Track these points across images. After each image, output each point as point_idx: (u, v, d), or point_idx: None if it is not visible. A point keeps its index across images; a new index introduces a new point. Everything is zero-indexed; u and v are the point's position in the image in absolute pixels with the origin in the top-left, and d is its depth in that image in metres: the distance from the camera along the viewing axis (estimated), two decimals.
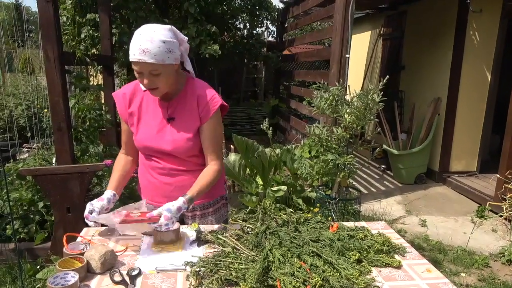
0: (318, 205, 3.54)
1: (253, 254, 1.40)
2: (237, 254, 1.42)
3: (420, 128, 5.53)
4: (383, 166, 6.06)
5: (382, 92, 2.63)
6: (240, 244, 1.49)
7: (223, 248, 1.49)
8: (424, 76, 5.83)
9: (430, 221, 4.23)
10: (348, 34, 4.03)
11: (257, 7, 7.09)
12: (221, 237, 1.56)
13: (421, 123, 5.55)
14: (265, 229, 1.52)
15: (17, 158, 4.82)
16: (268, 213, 1.71)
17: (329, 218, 3.33)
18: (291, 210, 3.65)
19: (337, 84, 3.04)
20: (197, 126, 1.68)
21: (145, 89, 1.68)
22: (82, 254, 1.41)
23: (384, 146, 5.33)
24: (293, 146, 4.09)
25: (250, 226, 1.60)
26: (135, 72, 1.55)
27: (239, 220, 1.66)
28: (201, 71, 6.37)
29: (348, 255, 1.47)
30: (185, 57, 1.68)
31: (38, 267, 2.87)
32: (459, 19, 5.09)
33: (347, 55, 4.07)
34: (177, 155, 1.70)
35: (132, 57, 1.49)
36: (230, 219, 1.88)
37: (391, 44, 6.86)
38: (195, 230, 1.71)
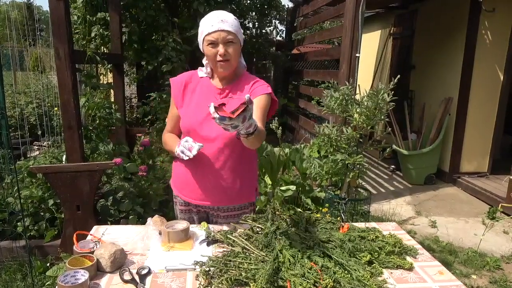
0: (327, 205, 3.52)
1: (263, 254, 1.39)
2: (247, 254, 1.41)
3: (430, 128, 5.47)
4: (392, 166, 6.01)
5: (392, 92, 2.60)
6: (250, 244, 1.48)
7: (233, 248, 1.49)
8: (435, 76, 5.77)
9: (440, 222, 4.18)
10: (358, 34, 4.00)
11: (266, 6, 7.07)
12: (230, 236, 1.55)
13: (431, 123, 5.49)
14: (275, 230, 1.51)
15: (28, 155, 4.86)
16: (278, 213, 1.70)
17: (338, 218, 3.31)
18: (300, 209, 3.64)
19: (347, 83, 3.01)
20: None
21: (202, 76, 1.79)
22: (92, 252, 1.42)
23: (394, 146, 5.29)
24: (302, 145, 4.07)
25: (260, 226, 1.59)
26: (207, 48, 1.63)
27: (248, 220, 1.65)
28: None
29: (359, 256, 1.45)
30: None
31: (48, 264, 2.90)
32: (471, 18, 5.02)
33: (357, 55, 4.03)
34: (220, 143, 1.69)
35: (210, 28, 1.59)
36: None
37: (401, 43, 6.80)
38: (205, 230, 1.70)
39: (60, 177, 2.81)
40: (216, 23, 1.58)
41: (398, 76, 2.71)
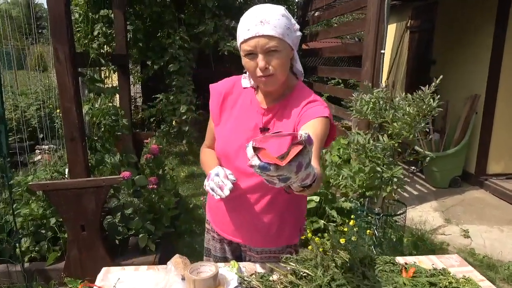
0: (352, 216, 3.23)
1: None
2: None
3: (454, 128, 5.15)
4: (413, 167, 5.69)
5: (438, 96, 2.29)
6: None
7: None
8: (459, 72, 5.43)
9: (473, 231, 3.87)
10: (384, 28, 3.68)
11: (276, 0, 6.74)
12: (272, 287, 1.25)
13: (455, 122, 5.16)
14: (330, 281, 1.20)
15: (29, 161, 4.57)
16: (326, 251, 1.40)
17: (368, 232, 3.01)
18: (324, 221, 3.30)
19: (382, 85, 2.70)
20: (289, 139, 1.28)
21: (246, 86, 1.42)
22: None
23: (416, 147, 4.96)
24: (323, 150, 3.77)
25: (308, 272, 1.28)
26: (244, 60, 1.27)
27: (291, 263, 1.34)
28: (218, 68, 6.07)
29: None
30: (295, 52, 1.34)
31: None
32: (500, 10, 4.67)
33: (382, 51, 3.71)
34: (258, 179, 1.31)
35: (246, 33, 1.21)
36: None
37: (419, 37, 6.45)
38: (236, 273, 1.40)
39: (63, 195, 2.52)
40: (253, 26, 1.19)
41: (441, 76, 2.39)
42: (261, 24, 1.19)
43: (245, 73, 1.42)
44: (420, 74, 6.32)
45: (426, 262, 1.55)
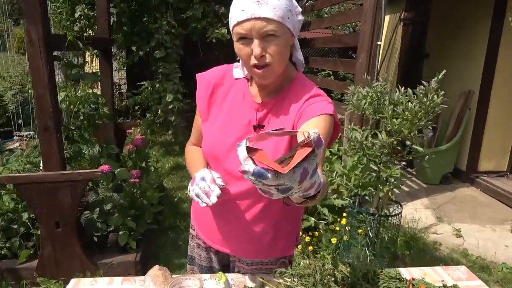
0: (345, 214, 3.10)
1: None
2: None
3: (447, 124, 5.05)
4: (403, 163, 5.58)
5: (443, 92, 2.14)
6: None
7: None
8: (452, 66, 5.30)
9: (465, 230, 3.78)
10: (381, 18, 3.52)
11: None
12: None
13: (448, 118, 5.06)
14: None
15: (2, 150, 4.33)
16: (325, 264, 1.24)
17: (360, 231, 2.89)
18: (314, 219, 3.14)
19: (380, 79, 2.54)
20: (288, 138, 1.14)
21: (238, 76, 1.24)
22: None
23: (414, 146, 4.85)
24: None
25: None
26: (237, 45, 1.10)
27: (286, 279, 1.19)
28: (206, 55, 5.85)
29: None
30: (296, 38, 1.18)
31: None
32: (497, 2, 4.56)
33: (378, 43, 3.56)
34: (251, 183, 1.12)
35: (240, 15, 1.04)
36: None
37: (413, 30, 6.32)
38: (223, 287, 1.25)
39: (35, 189, 2.33)
40: (248, 7, 1.02)
41: (444, 71, 2.25)
42: (257, 4, 1.02)
43: (238, 61, 1.24)
44: (413, 68, 6.20)
45: (432, 274, 1.42)
